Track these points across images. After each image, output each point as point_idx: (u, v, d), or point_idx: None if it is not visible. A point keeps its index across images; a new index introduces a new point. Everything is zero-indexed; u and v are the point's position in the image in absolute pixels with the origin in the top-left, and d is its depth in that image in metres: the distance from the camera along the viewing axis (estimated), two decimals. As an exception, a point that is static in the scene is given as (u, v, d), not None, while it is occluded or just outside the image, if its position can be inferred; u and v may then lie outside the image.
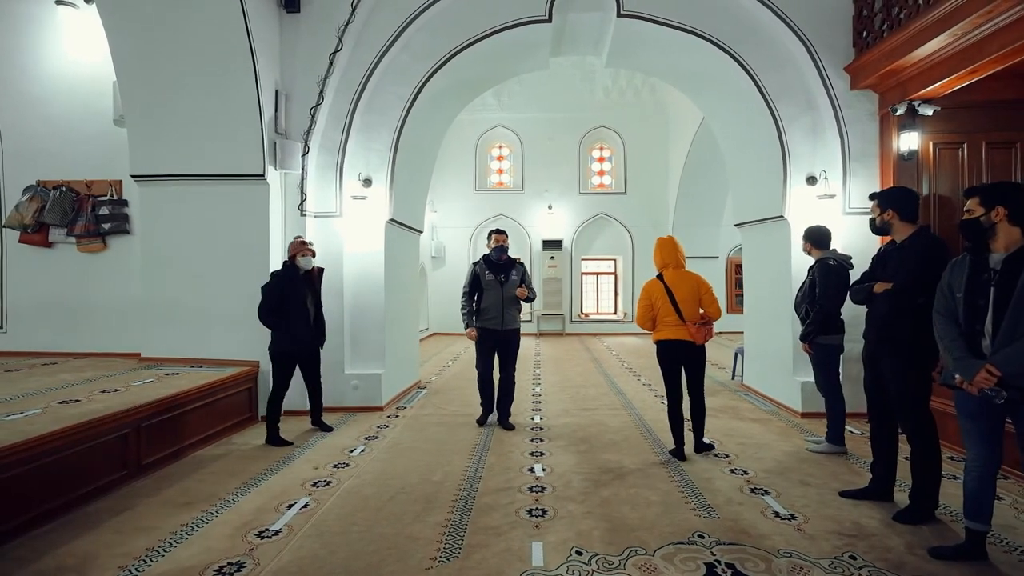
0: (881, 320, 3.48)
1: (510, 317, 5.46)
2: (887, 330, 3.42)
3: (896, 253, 3.52)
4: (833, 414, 4.59)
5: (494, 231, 5.65)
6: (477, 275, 5.50)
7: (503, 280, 5.43)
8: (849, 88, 5.71)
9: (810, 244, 4.64)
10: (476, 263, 5.60)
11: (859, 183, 5.72)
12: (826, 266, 4.42)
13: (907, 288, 3.32)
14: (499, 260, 5.49)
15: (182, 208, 5.85)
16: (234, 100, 5.63)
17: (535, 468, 4.30)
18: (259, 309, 4.85)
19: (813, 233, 4.66)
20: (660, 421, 5.65)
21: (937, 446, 3.32)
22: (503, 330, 5.45)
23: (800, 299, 4.62)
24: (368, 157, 6.26)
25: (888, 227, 3.55)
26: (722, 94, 6.68)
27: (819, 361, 4.56)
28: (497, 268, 5.47)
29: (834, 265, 4.42)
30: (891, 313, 3.41)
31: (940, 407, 4.26)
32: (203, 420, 4.94)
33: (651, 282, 4.66)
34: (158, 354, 5.87)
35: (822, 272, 4.40)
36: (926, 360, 3.35)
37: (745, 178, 6.95)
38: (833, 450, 4.57)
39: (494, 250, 5.50)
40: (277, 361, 4.94)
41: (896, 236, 3.55)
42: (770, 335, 6.44)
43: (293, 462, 4.48)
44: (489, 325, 5.45)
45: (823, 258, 4.50)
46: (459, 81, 6.85)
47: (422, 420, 5.82)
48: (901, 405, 3.41)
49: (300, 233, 5.99)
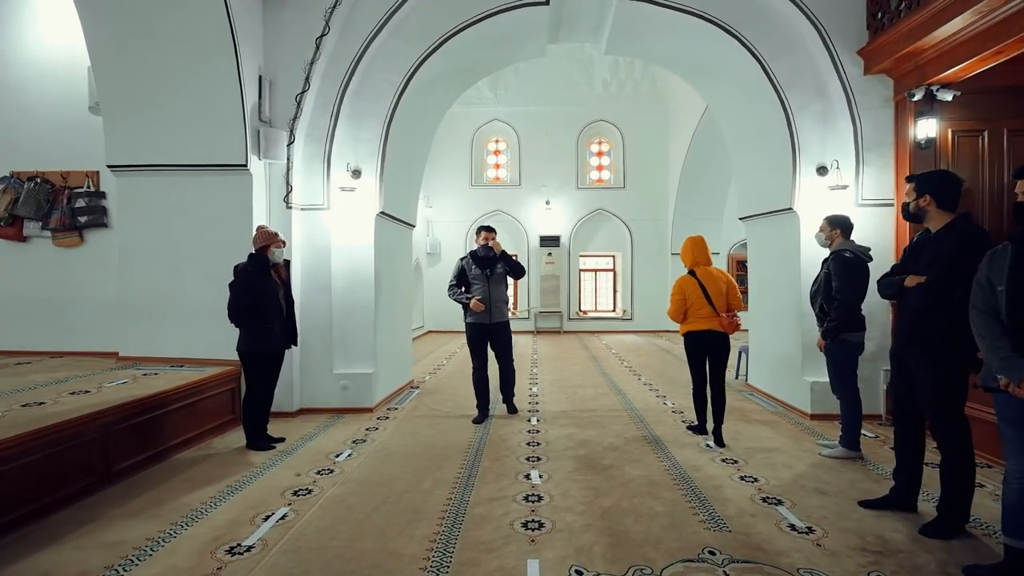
0: (912, 316, 3.21)
1: (498, 311, 5.55)
2: (918, 327, 3.16)
3: (930, 243, 3.23)
4: (849, 417, 4.32)
5: (483, 228, 5.72)
6: (464, 269, 5.60)
7: (489, 274, 5.52)
8: (862, 73, 5.44)
9: (838, 231, 4.30)
10: (463, 258, 5.70)
11: (873, 173, 5.45)
12: (842, 258, 4.13)
13: (941, 281, 3.05)
14: (487, 255, 5.54)
15: (161, 200, 5.56)
16: (215, 86, 5.34)
17: (531, 474, 4.03)
18: (229, 308, 4.51)
19: (841, 219, 4.35)
20: (662, 423, 5.39)
21: (971, 455, 3.05)
22: (492, 323, 5.55)
23: (815, 292, 4.33)
24: (357, 147, 5.98)
25: (923, 214, 3.25)
26: (728, 81, 6.40)
27: (838, 360, 4.27)
28: (483, 262, 5.54)
29: (851, 257, 4.12)
30: (924, 309, 3.14)
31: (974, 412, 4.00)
32: (181, 423, 4.67)
33: (684, 278, 4.85)
34: (136, 353, 5.60)
35: (839, 265, 4.11)
36: (961, 360, 3.08)
37: (751, 170, 6.67)
38: (848, 455, 4.30)
39: (483, 246, 5.57)
40: (249, 361, 4.64)
41: (930, 224, 3.24)
42: (777, 333, 6.17)
43: (274, 468, 4.21)
44: (477, 319, 5.54)
45: (839, 250, 4.21)
46: (453, 68, 6.57)
47: (413, 422, 5.55)
48: (932, 409, 3.14)
49: (285, 226, 5.72)
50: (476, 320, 5.55)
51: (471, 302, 5.46)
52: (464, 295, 5.55)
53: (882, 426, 5.25)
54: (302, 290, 5.89)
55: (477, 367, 5.69)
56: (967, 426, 3.07)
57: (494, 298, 5.52)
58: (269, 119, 5.72)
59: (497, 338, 5.64)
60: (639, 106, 14.26)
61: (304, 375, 5.89)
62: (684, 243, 4.95)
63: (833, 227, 4.32)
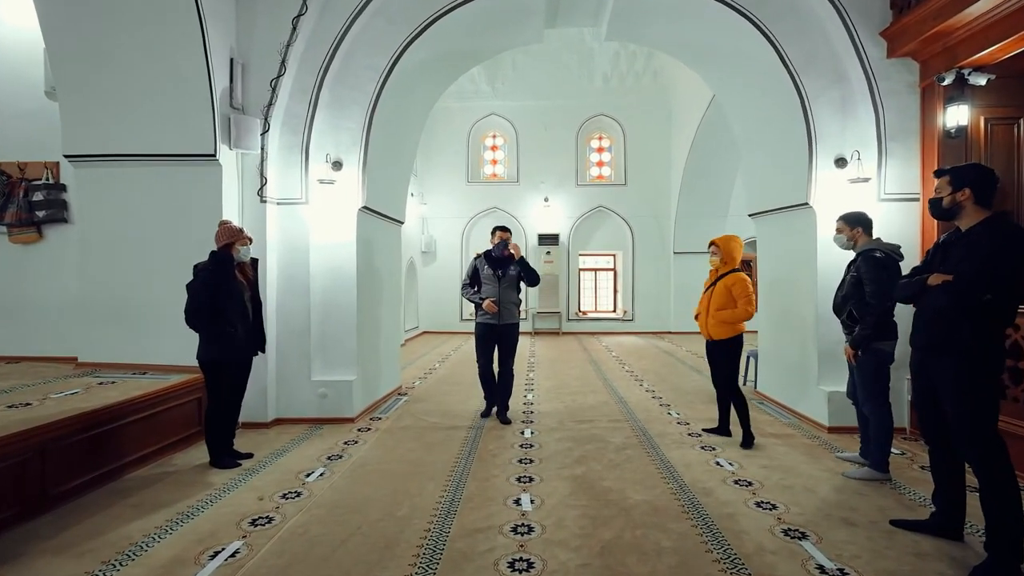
0: (935, 320, 2.83)
1: (508, 312, 5.46)
2: (943, 332, 2.78)
3: (962, 241, 2.85)
4: (878, 434, 3.86)
5: (498, 227, 5.60)
6: (477, 268, 5.56)
7: (501, 275, 5.45)
8: (885, 56, 5.00)
9: (860, 230, 3.88)
10: (477, 257, 5.63)
11: (896, 165, 5.01)
12: (873, 258, 3.69)
13: (971, 281, 2.67)
14: (500, 255, 5.46)
15: (124, 193, 5.13)
16: (180, 69, 4.90)
17: (522, 499, 3.59)
18: (187, 311, 4.08)
19: (860, 217, 3.93)
20: (667, 436, 4.96)
21: (1011, 477, 2.64)
22: (501, 324, 5.45)
23: (841, 299, 3.89)
24: (338, 136, 5.55)
25: (957, 210, 2.88)
26: (738, 67, 5.95)
27: (869, 371, 3.82)
28: (496, 263, 5.47)
29: (881, 257, 3.69)
30: (949, 311, 2.77)
31: (1009, 428, 3.57)
32: (138, 437, 4.23)
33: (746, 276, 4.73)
34: (97, 359, 5.17)
35: (869, 265, 3.67)
36: (991, 369, 2.71)
37: (763, 163, 6.22)
38: (874, 477, 3.86)
39: (497, 246, 5.47)
40: (211, 371, 4.20)
41: (963, 222, 2.89)
42: (791, 339, 5.73)
43: (236, 490, 3.78)
44: (486, 320, 5.46)
45: (867, 249, 3.77)
46: (443, 53, 6.13)
47: (397, 434, 5.11)
48: (960, 426, 2.74)
49: (259, 222, 5.30)
50: (485, 320, 5.47)
51: (484, 303, 5.37)
52: (477, 295, 5.49)
53: (907, 440, 4.82)
54: (278, 291, 5.46)
55: (482, 364, 5.61)
56: (1002, 444, 2.67)
57: (504, 300, 5.43)
58: (241, 106, 5.28)
59: (504, 339, 5.53)
60: (641, 100, 13.81)
61: (280, 383, 5.46)
62: (733, 241, 4.78)
63: (853, 225, 3.90)
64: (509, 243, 5.45)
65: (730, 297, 4.66)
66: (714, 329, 4.71)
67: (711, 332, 4.74)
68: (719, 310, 4.66)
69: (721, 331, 4.68)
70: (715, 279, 4.82)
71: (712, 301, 4.73)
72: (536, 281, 5.55)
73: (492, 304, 5.34)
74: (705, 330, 4.81)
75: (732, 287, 4.66)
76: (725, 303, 4.68)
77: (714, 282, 4.81)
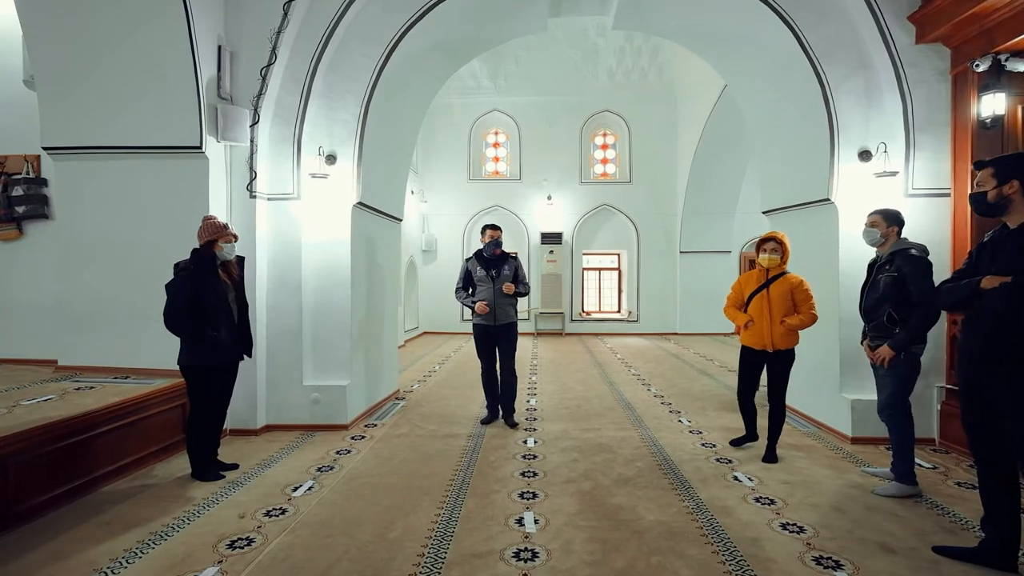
0: (997, 329, 2.53)
1: (503, 313, 5.25)
2: (1001, 340, 2.51)
3: (1012, 240, 2.57)
4: (903, 444, 3.61)
5: (488, 226, 5.35)
6: (469, 271, 5.36)
7: (495, 276, 5.25)
8: (914, 42, 4.68)
9: (896, 229, 3.60)
10: (468, 259, 5.42)
11: (925, 158, 4.71)
12: (915, 257, 3.40)
13: None
14: (491, 255, 5.29)
15: (106, 188, 4.85)
16: (164, 57, 4.62)
17: (524, 519, 3.31)
18: (166, 314, 3.80)
19: (899, 215, 3.65)
20: (678, 446, 4.67)
21: None
22: (496, 325, 5.25)
23: (875, 301, 3.59)
24: (331, 128, 5.27)
25: (1005, 205, 2.62)
26: (754, 55, 5.64)
27: (902, 376, 3.55)
28: (489, 263, 5.29)
29: (919, 255, 3.42)
30: (1009, 315, 2.49)
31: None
32: (115, 447, 3.96)
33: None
34: (77, 362, 4.89)
35: (913, 265, 3.38)
36: None
37: (779, 156, 5.91)
38: (906, 492, 3.57)
39: (487, 245, 5.28)
40: (193, 377, 3.92)
41: (1011, 218, 2.63)
42: (808, 342, 5.38)
43: (216, 506, 3.50)
44: (482, 321, 5.28)
45: (904, 247, 3.49)
46: (442, 42, 5.85)
47: (392, 443, 4.82)
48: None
49: (248, 218, 5.03)
50: (480, 321, 5.28)
51: (476, 305, 5.19)
52: (469, 299, 5.32)
53: (937, 453, 4.51)
54: (269, 291, 5.19)
55: (484, 367, 5.42)
56: None
57: (499, 300, 5.21)
58: (230, 95, 5.00)
59: (501, 340, 5.33)
60: (647, 96, 13.50)
61: (270, 387, 5.18)
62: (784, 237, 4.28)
63: (891, 223, 3.62)
64: (499, 239, 5.29)
65: (791, 302, 4.18)
66: (780, 339, 4.15)
67: (776, 342, 4.16)
68: (786, 316, 4.17)
69: (787, 340, 4.16)
70: (766, 280, 4.27)
71: (773, 307, 4.18)
72: (524, 294, 5.35)
73: (484, 306, 5.14)
74: (766, 340, 4.19)
75: (795, 290, 4.16)
76: (789, 308, 4.17)
77: (766, 284, 4.26)
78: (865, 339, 3.74)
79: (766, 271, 4.29)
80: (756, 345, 4.27)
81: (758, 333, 4.24)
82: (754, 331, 4.27)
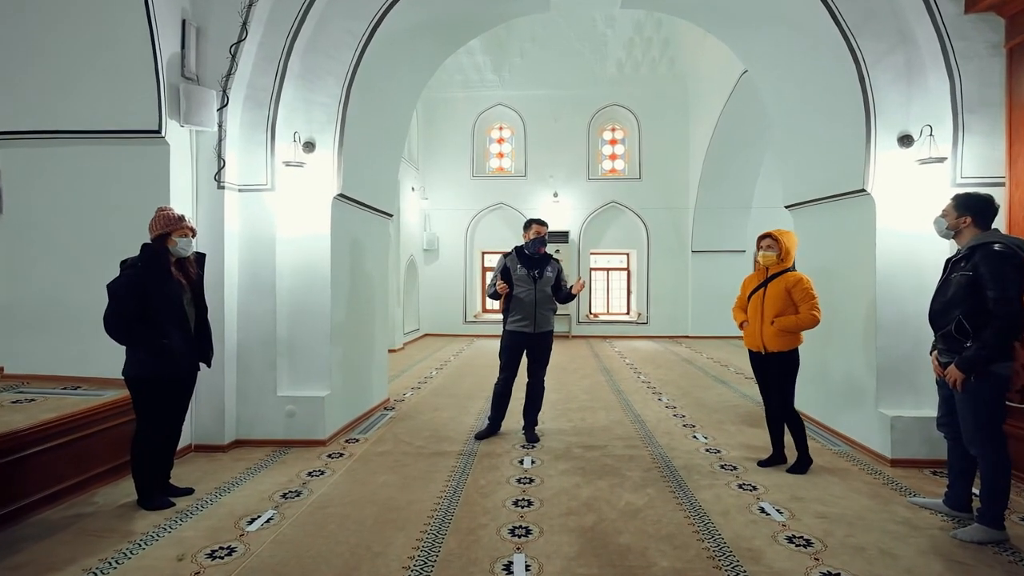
0: None
1: (543, 318, 4.84)
2: None
3: None
4: (993, 482, 2.95)
5: (534, 220, 4.89)
6: (508, 268, 4.82)
7: (537, 276, 4.80)
8: (962, 12, 4.11)
9: (969, 219, 3.01)
10: (507, 255, 4.93)
11: (976, 142, 4.14)
12: (994, 252, 2.81)
13: None
14: (535, 254, 4.84)
15: (56, 177, 4.38)
16: (119, 31, 4.16)
17: (514, 564, 2.78)
18: (106, 318, 3.29)
19: (971, 200, 3.05)
20: (694, 468, 4.13)
21: None
22: (535, 333, 4.82)
23: (943, 305, 3.01)
24: (310, 112, 4.78)
25: None
26: (777, 31, 5.07)
27: (982, 400, 2.92)
28: (531, 262, 4.83)
29: (1003, 251, 2.83)
30: None
31: None
32: (51, 470, 3.48)
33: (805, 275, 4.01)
34: (25, 370, 4.43)
35: (991, 262, 2.80)
36: None
37: (805, 143, 5.34)
38: (990, 537, 2.96)
39: (531, 242, 4.82)
40: (140, 391, 3.43)
41: None
42: (838, 349, 4.87)
43: (156, 542, 3.00)
44: (519, 327, 4.80)
45: (985, 241, 2.91)
46: (433, 19, 5.34)
47: (373, 462, 4.31)
48: None
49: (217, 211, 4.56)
50: (518, 328, 4.79)
51: (499, 285, 4.73)
52: (491, 288, 4.87)
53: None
54: (239, 291, 4.71)
55: (504, 378, 4.92)
56: None
57: (540, 304, 4.79)
58: (195, 75, 4.52)
59: (537, 348, 4.90)
60: (657, 89, 12.94)
61: (240, 399, 4.69)
62: (789, 235, 4.03)
63: (961, 212, 3.03)
64: (546, 240, 4.88)
65: (789, 301, 3.87)
66: (771, 340, 3.92)
67: (766, 343, 3.95)
68: (778, 316, 3.87)
69: (780, 342, 3.90)
70: (765, 279, 4.01)
71: (766, 306, 3.95)
72: (569, 300, 4.99)
73: (504, 285, 4.71)
74: (757, 341, 4.00)
75: (792, 288, 3.87)
76: (784, 308, 3.87)
77: (764, 282, 4.01)
78: (934, 351, 3.18)
79: (765, 269, 4.03)
80: (752, 347, 4.12)
81: (751, 334, 4.09)
82: (748, 332, 4.12)
